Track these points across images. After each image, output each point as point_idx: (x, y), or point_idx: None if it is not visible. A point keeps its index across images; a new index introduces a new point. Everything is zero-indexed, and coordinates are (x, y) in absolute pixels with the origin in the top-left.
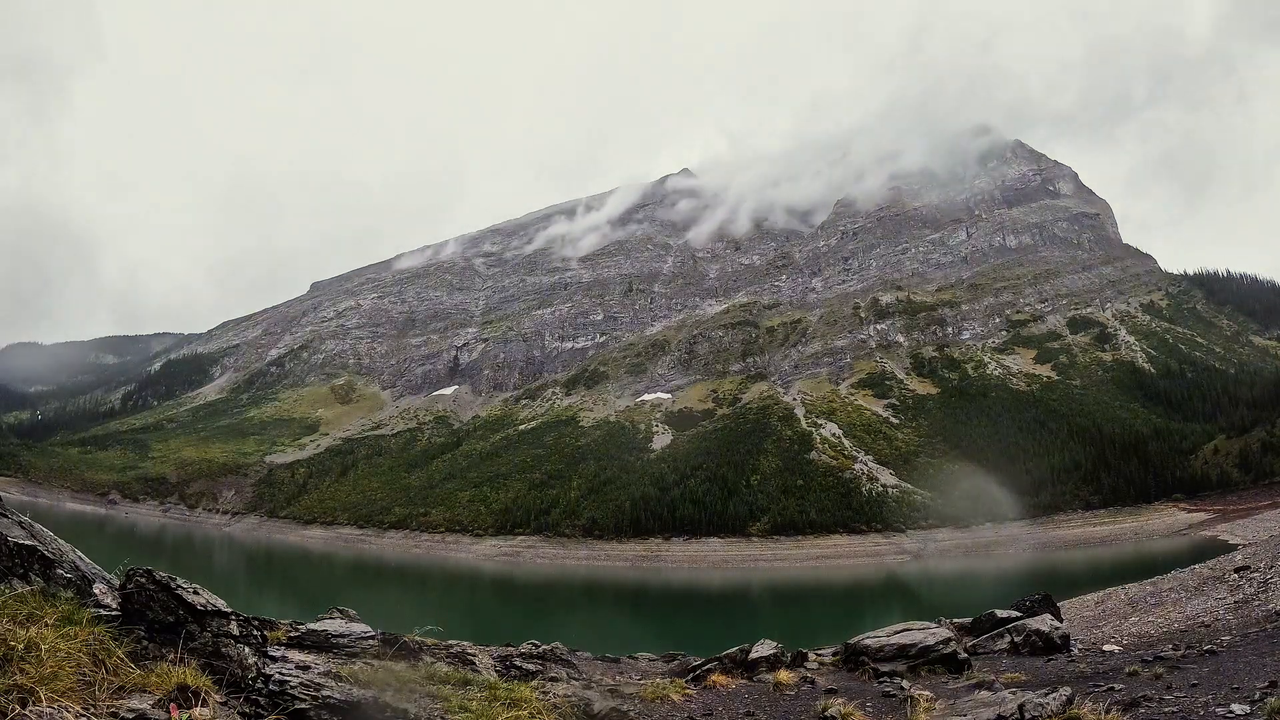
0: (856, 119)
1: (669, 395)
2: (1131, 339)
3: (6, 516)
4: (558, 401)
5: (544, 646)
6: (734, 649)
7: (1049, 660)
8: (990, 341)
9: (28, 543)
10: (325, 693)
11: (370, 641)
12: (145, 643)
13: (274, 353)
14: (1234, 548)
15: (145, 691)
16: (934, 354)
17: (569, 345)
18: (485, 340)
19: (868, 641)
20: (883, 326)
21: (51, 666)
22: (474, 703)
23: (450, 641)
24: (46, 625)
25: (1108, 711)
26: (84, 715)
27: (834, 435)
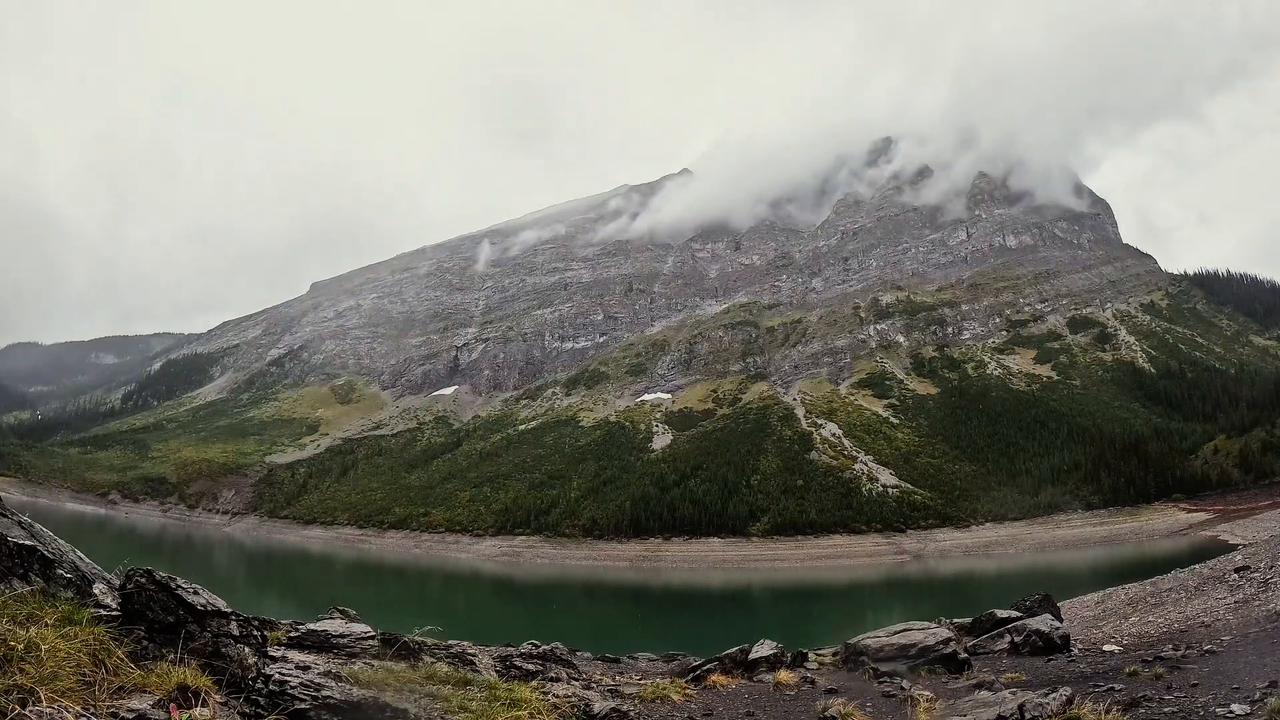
0: (856, 118)
1: (669, 395)
2: (1131, 339)
3: (6, 516)
4: (558, 401)
5: (544, 646)
6: (734, 649)
7: (1049, 660)
8: (990, 341)
9: (28, 543)
10: (325, 693)
11: (370, 641)
12: (145, 643)
13: (274, 353)
14: (1234, 548)
15: (145, 691)
16: (934, 354)
17: (569, 345)
18: (485, 340)
19: (868, 641)
20: (883, 326)
21: (51, 666)
22: (474, 703)
23: (450, 641)
24: (46, 625)
25: (1108, 711)
26: (84, 715)
27: (834, 435)
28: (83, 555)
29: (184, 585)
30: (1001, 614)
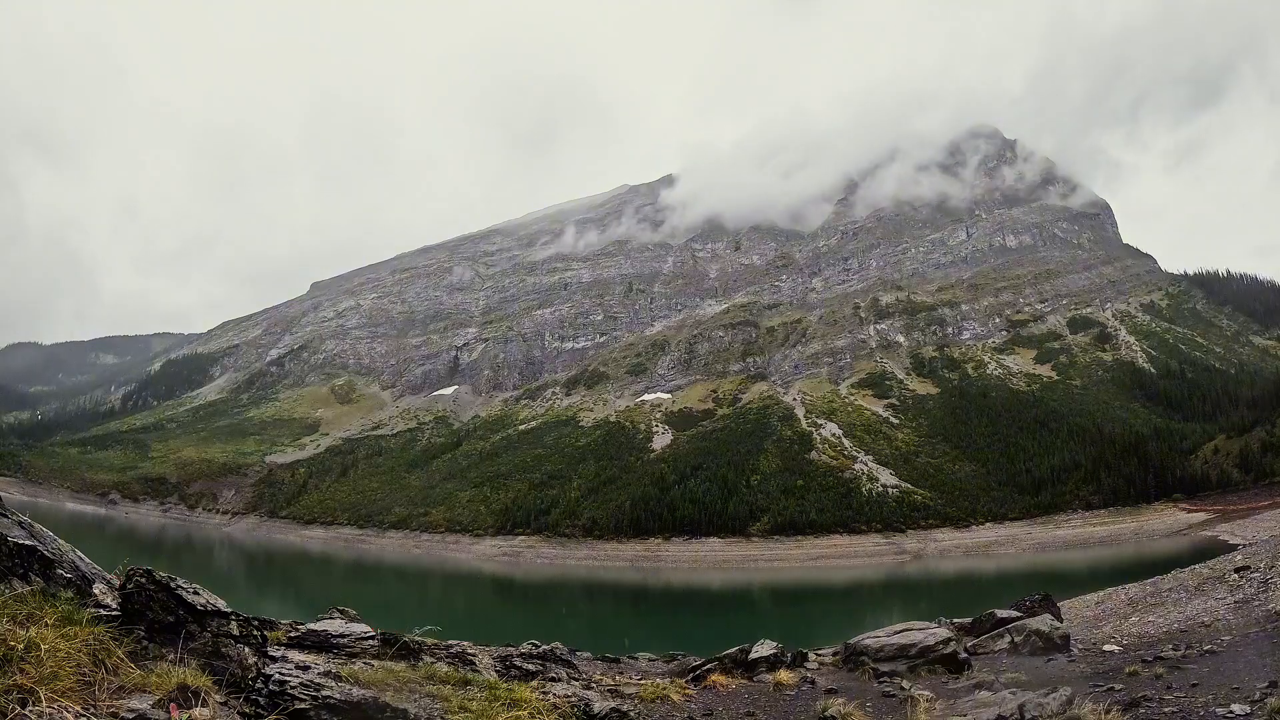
0: (857, 119)
1: (669, 395)
2: (1131, 339)
3: (6, 516)
4: (558, 401)
5: (544, 646)
6: (734, 649)
7: (1049, 660)
8: (990, 341)
9: (28, 543)
10: (325, 693)
11: (370, 641)
12: (145, 643)
13: (274, 353)
14: (1234, 548)
15: (145, 691)
16: (934, 354)
17: (569, 345)
18: (485, 340)
19: (868, 641)
20: (883, 326)
21: (51, 666)
22: (474, 703)
23: (450, 641)
24: (46, 625)
25: (1108, 711)
26: (84, 715)
27: (834, 435)
28: (83, 555)
29: (184, 585)
30: (1001, 614)
